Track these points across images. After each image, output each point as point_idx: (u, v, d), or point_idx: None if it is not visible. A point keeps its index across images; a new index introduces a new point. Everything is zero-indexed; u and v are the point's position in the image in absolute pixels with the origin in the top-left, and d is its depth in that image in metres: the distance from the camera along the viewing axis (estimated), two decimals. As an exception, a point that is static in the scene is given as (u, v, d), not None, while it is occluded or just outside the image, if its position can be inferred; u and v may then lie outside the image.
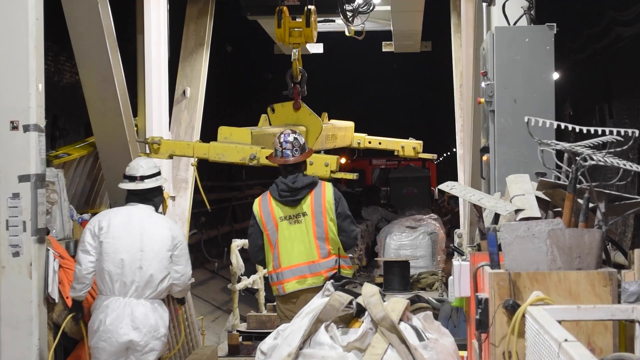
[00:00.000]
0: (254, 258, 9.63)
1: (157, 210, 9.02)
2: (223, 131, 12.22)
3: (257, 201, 9.24)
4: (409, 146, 15.41)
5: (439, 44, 22.70)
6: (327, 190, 9.09)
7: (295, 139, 9.16)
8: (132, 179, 8.90)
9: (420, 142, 15.47)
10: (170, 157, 12.44)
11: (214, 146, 12.09)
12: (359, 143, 15.48)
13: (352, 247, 10.17)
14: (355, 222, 9.90)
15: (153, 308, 8.61)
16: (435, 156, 16.64)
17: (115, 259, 8.55)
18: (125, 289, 8.52)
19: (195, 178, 12.32)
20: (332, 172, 11.71)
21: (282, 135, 9.23)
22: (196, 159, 12.04)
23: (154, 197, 8.97)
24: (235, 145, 11.97)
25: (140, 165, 9.01)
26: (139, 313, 8.50)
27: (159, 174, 9.09)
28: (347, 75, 41.45)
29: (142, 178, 8.90)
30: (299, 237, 9.01)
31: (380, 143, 15.83)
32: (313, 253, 8.99)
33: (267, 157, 9.89)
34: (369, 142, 15.90)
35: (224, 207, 27.76)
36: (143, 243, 8.63)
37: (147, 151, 12.04)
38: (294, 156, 9.08)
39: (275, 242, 9.04)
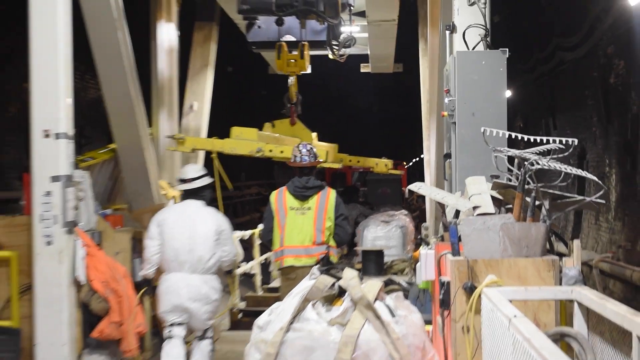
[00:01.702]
0: (264, 238, 10.18)
1: (206, 204, 9.68)
2: (235, 130, 13.80)
3: (274, 193, 9.95)
4: (381, 163, 16.64)
5: (409, 65, 22.72)
6: (331, 195, 9.80)
7: (311, 148, 9.99)
8: (184, 181, 9.69)
9: (391, 160, 16.63)
10: (193, 150, 13.65)
11: (228, 142, 13.68)
12: (341, 161, 16.03)
13: (345, 242, 10.62)
14: (350, 223, 10.47)
15: (204, 280, 9.28)
16: (403, 172, 17.44)
17: (172, 244, 9.29)
18: (180, 267, 9.24)
19: (217, 164, 13.19)
20: (322, 161, 13.20)
21: (301, 145, 10.05)
22: (216, 152, 13.36)
23: (203, 194, 9.70)
24: (245, 141, 13.54)
25: (190, 170, 9.87)
26: (192, 285, 9.22)
27: (206, 175, 9.80)
28: (330, 91, 41.38)
29: (192, 179, 9.65)
30: (301, 225, 9.65)
31: (358, 161, 16.76)
32: (309, 239, 9.62)
33: (288, 163, 10.35)
34: (350, 161, 16.65)
35: (225, 204, 27.69)
36: (193, 231, 9.33)
37: (175, 145, 13.45)
38: (309, 161, 9.84)
39: (283, 226, 9.67)
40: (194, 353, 9.48)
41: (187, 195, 9.68)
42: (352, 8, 14.62)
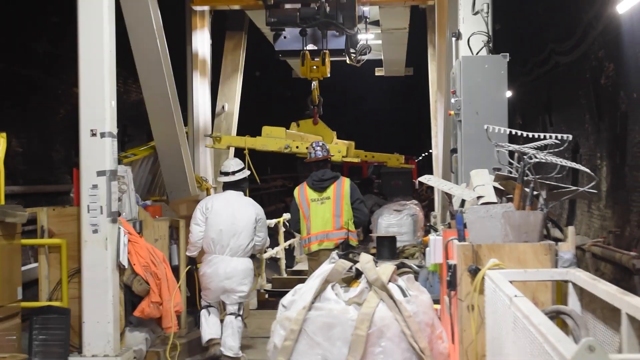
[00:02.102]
0: (294, 227, 10.57)
1: (245, 194, 10.05)
2: (265, 129, 14.12)
3: (297, 188, 10.27)
4: (394, 158, 17.00)
5: (419, 69, 22.65)
6: (346, 183, 10.04)
7: (323, 144, 10.40)
8: (226, 174, 9.95)
9: (403, 155, 16.95)
10: (228, 147, 14.01)
11: (260, 139, 13.96)
12: (358, 156, 16.17)
13: (364, 222, 10.79)
14: (366, 205, 10.65)
15: (242, 262, 9.62)
16: (413, 166, 17.75)
17: (216, 229, 9.58)
18: (223, 250, 9.56)
19: (248, 161, 13.02)
20: (343, 156, 13.95)
21: (314, 143, 10.46)
22: (246, 148, 13.72)
23: (241, 185, 9.99)
24: (275, 138, 13.89)
25: (231, 164, 10.05)
26: (232, 266, 9.55)
27: (244, 169, 10.06)
28: (347, 93, 41.33)
29: (233, 173, 9.92)
30: (322, 214, 9.94)
31: (373, 157, 17.11)
32: (330, 225, 9.91)
33: (305, 160, 10.69)
34: (365, 156, 16.95)
35: (252, 195, 27.73)
36: (235, 218, 9.61)
37: (212, 143, 13.82)
38: (323, 155, 10.19)
39: (308, 216, 9.98)
40: (226, 328, 9.64)
41: (228, 186, 9.94)
42: (367, 18, 14.70)
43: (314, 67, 13.98)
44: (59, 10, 13.83)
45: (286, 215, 15.39)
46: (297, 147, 13.95)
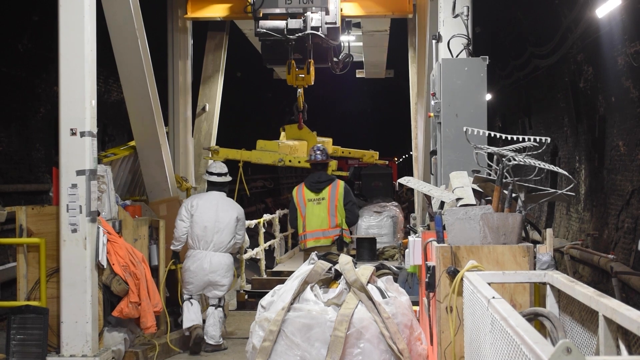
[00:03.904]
0: (292, 225, 11.23)
1: (227, 195, 10.62)
2: (260, 143, 14.83)
3: (295, 188, 10.86)
4: (369, 154, 17.48)
5: (400, 71, 22.67)
6: (340, 186, 10.60)
7: (323, 148, 10.98)
8: (212, 175, 10.61)
9: (377, 152, 17.40)
10: (226, 159, 14.07)
11: (255, 153, 14.64)
12: (335, 152, 16.54)
13: (354, 223, 11.32)
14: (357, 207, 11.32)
15: (224, 257, 10.25)
16: (387, 163, 18.32)
17: (201, 226, 10.20)
18: (207, 245, 10.19)
19: (240, 173, 13.96)
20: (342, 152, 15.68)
21: (315, 146, 11.06)
22: (241, 161, 14.30)
23: (225, 187, 10.64)
24: (269, 152, 14.47)
25: (217, 166, 10.70)
26: (215, 261, 10.17)
27: (227, 173, 10.71)
28: (328, 95, 41.35)
29: (219, 175, 10.60)
30: (318, 213, 10.52)
31: (350, 153, 17.65)
32: (325, 223, 10.50)
33: (306, 161, 11.46)
34: (342, 152, 17.70)
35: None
36: (218, 216, 10.27)
37: (210, 155, 14.19)
38: (322, 158, 10.77)
39: (304, 214, 10.55)
40: (208, 318, 10.18)
41: (213, 186, 10.58)
42: (350, 28, 15.14)
43: (300, 75, 14.34)
44: (40, 8, 13.75)
45: (266, 216, 15.74)
46: (289, 161, 14.52)
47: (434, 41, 9.52)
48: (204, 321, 10.20)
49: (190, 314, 10.10)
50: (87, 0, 8.33)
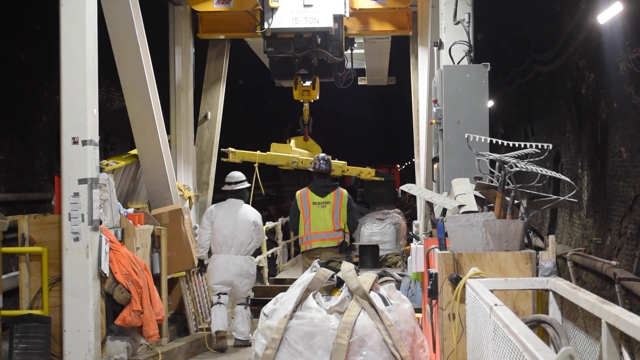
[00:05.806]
0: (292, 226, 11.96)
1: (245, 202, 11.33)
2: (274, 146, 15.59)
3: (299, 192, 11.52)
4: (365, 171, 17.52)
5: (402, 78, 22.61)
6: (344, 193, 11.37)
7: (328, 159, 11.73)
8: (230, 184, 11.33)
9: (373, 169, 17.59)
10: (241, 161, 15.08)
11: (270, 155, 15.29)
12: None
13: (355, 229, 11.85)
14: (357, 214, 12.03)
15: (245, 260, 11.01)
16: (382, 179, 19.13)
17: (221, 232, 10.98)
18: (228, 249, 10.94)
19: (256, 174, 14.30)
20: (343, 171, 15.94)
21: (320, 155, 11.79)
22: (257, 163, 14.80)
23: (243, 194, 11.39)
24: (282, 154, 15.27)
25: (235, 175, 11.41)
26: (236, 264, 10.91)
27: (245, 180, 11.45)
28: (331, 102, 41.40)
29: (236, 183, 11.33)
30: (323, 216, 11.18)
31: (348, 169, 17.45)
32: (330, 226, 11.15)
33: (312, 169, 11.85)
34: (342, 170, 17.47)
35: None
36: (236, 222, 11.01)
37: (226, 157, 14.94)
38: (325, 168, 11.50)
39: (308, 217, 11.19)
40: (237, 316, 11.01)
41: (231, 195, 11.31)
42: (354, 45, 15.69)
43: (306, 90, 15.05)
44: (42, 17, 13.77)
45: (269, 224, 15.95)
46: (302, 162, 15.16)
47: (435, 48, 9.53)
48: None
49: (217, 319, 10.72)
50: (89, 9, 8.35)
